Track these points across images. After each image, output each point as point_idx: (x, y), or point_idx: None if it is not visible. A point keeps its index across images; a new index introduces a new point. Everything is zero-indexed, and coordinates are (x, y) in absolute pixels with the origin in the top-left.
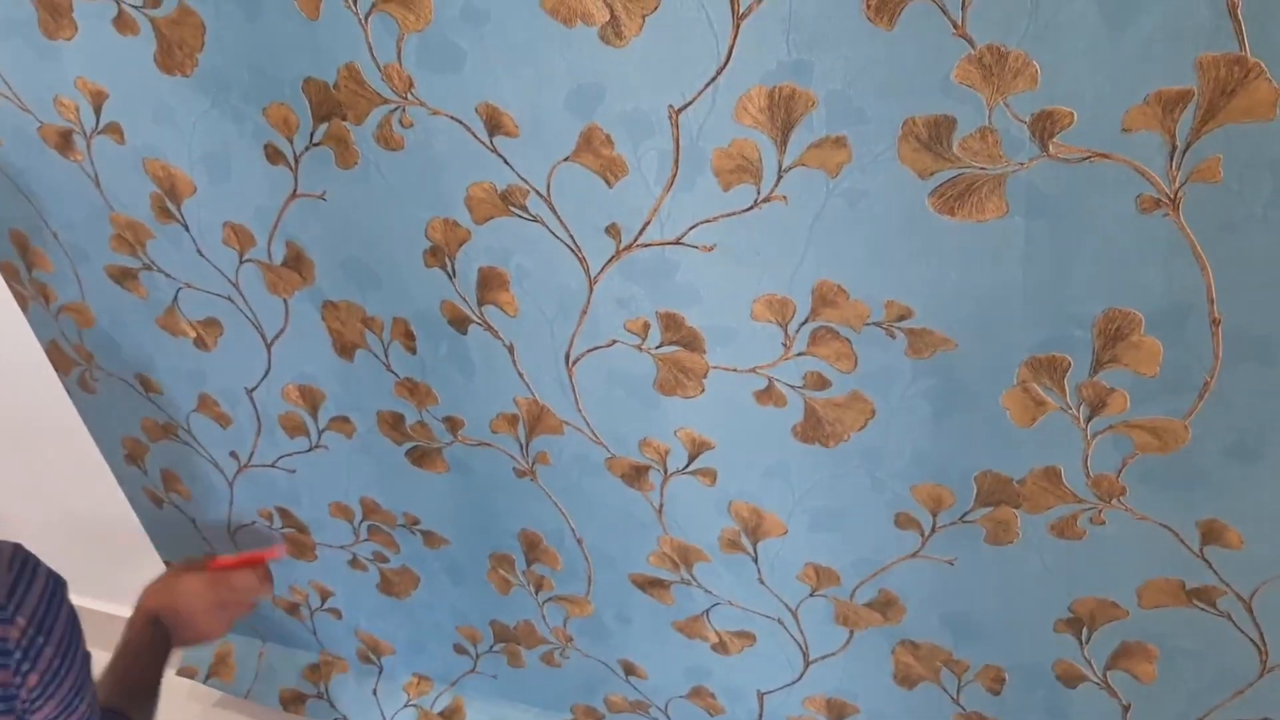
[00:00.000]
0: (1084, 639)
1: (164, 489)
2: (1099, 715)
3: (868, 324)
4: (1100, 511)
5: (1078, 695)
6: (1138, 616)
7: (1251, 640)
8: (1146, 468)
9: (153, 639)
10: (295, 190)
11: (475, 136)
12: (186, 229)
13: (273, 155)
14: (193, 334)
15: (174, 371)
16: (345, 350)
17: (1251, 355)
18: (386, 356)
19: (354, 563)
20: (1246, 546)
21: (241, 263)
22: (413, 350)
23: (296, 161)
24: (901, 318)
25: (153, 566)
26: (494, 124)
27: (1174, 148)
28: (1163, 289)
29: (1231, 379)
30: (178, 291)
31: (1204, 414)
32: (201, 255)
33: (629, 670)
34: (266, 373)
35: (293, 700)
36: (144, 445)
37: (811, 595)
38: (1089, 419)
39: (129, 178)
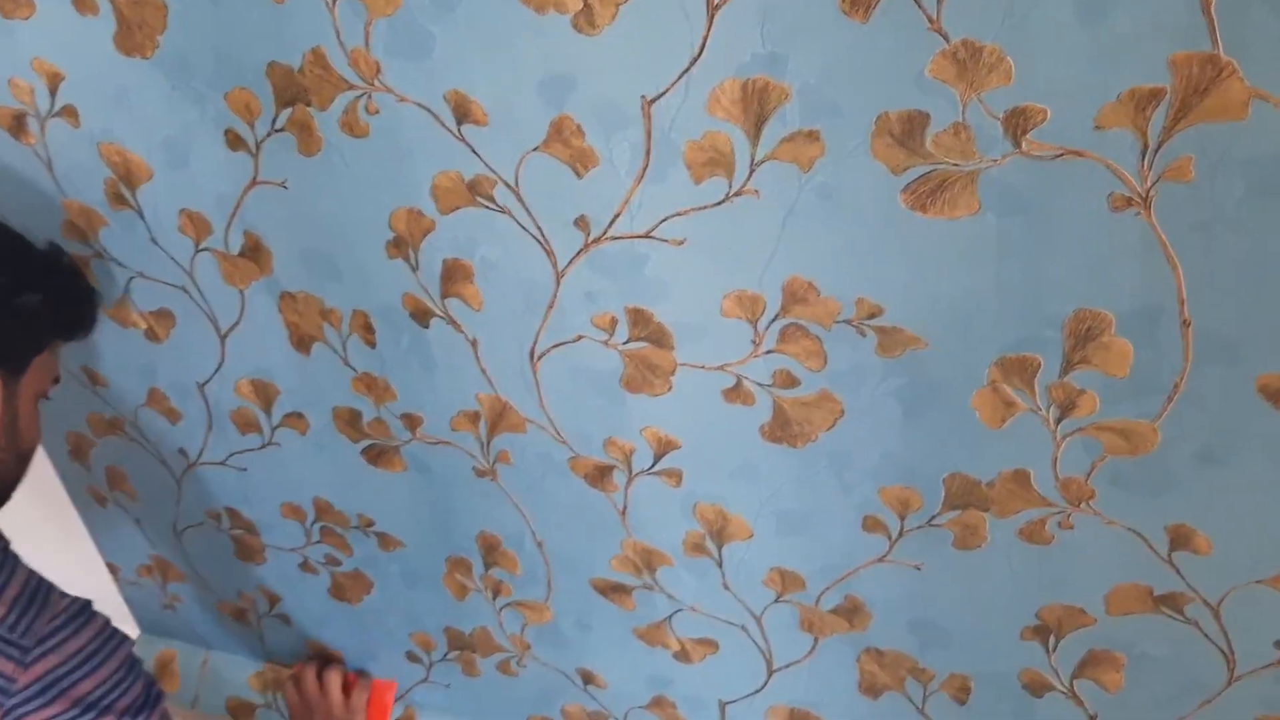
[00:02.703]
0: (1051, 646)
1: (109, 487)
2: None
3: (838, 321)
4: (1069, 515)
5: (1044, 705)
6: (1105, 624)
7: (1219, 648)
8: (1115, 471)
9: None
10: (255, 178)
11: (443, 124)
12: (141, 216)
13: (233, 141)
14: (143, 325)
15: (122, 364)
16: (302, 343)
17: (1221, 357)
18: (345, 350)
19: (304, 566)
20: (1215, 552)
21: (197, 252)
22: (372, 344)
23: (258, 148)
24: (872, 315)
25: (93, 568)
26: (462, 112)
27: (1146, 146)
28: (1134, 289)
29: (1201, 381)
30: (129, 281)
31: (1173, 416)
32: (155, 243)
33: (588, 679)
34: (219, 366)
35: (240, 710)
36: (89, 441)
37: (776, 601)
38: (1059, 420)
39: (83, 162)
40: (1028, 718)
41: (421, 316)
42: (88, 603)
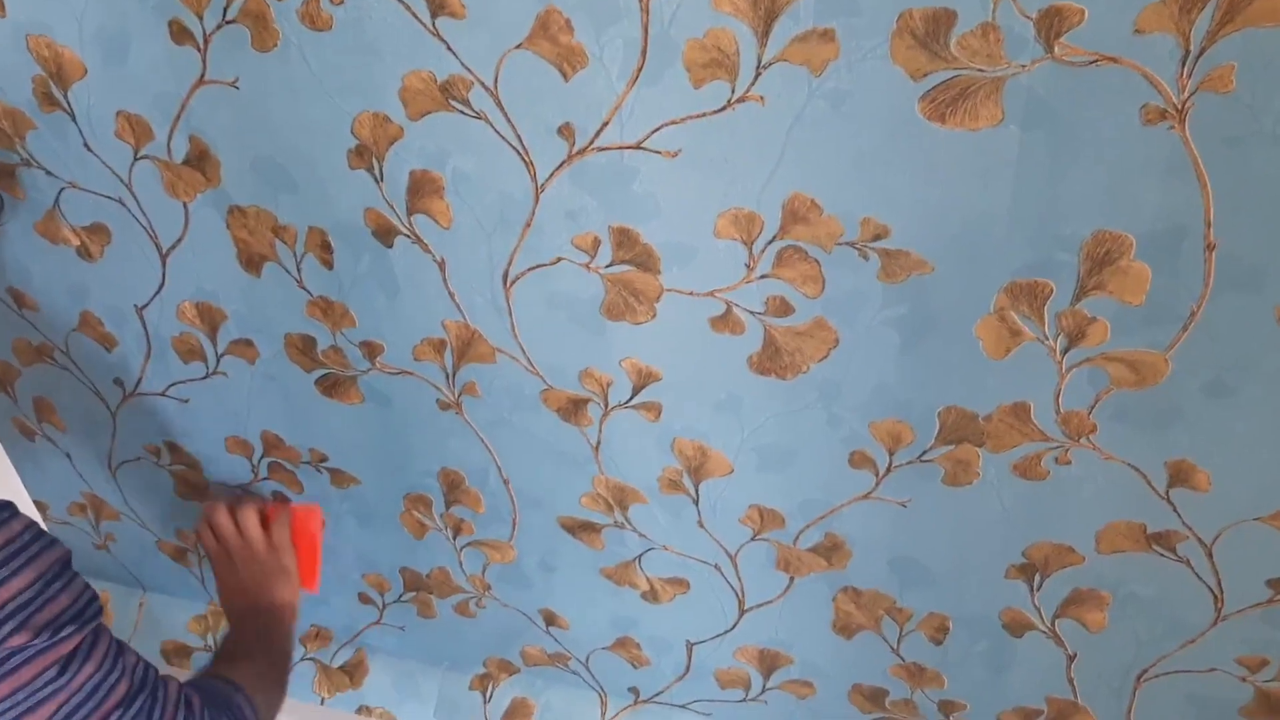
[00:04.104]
0: (1035, 585)
1: (37, 419)
2: (1042, 666)
3: (840, 243)
4: (1067, 451)
5: (1022, 645)
6: (1094, 562)
7: (1208, 587)
8: (1120, 404)
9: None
10: (203, 75)
11: (415, 16)
12: (73, 119)
13: (178, 34)
14: (76, 242)
15: (52, 285)
16: (252, 263)
17: (1242, 284)
18: (299, 271)
19: None
20: (1214, 489)
21: (136, 159)
22: (329, 265)
23: (206, 42)
24: (877, 237)
25: (20, 506)
26: (437, 3)
27: (1187, 52)
28: (1158, 210)
29: (1219, 309)
30: (60, 192)
31: (1186, 346)
32: (89, 150)
33: (550, 620)
34: (160, 288)
35: (177, 653)
36: (15, 369)
37: (753, 539)
38: (1066, 351)
39: (9, 57)
40: (1004, 657)
41: (385, 235)
42: (6, 503)
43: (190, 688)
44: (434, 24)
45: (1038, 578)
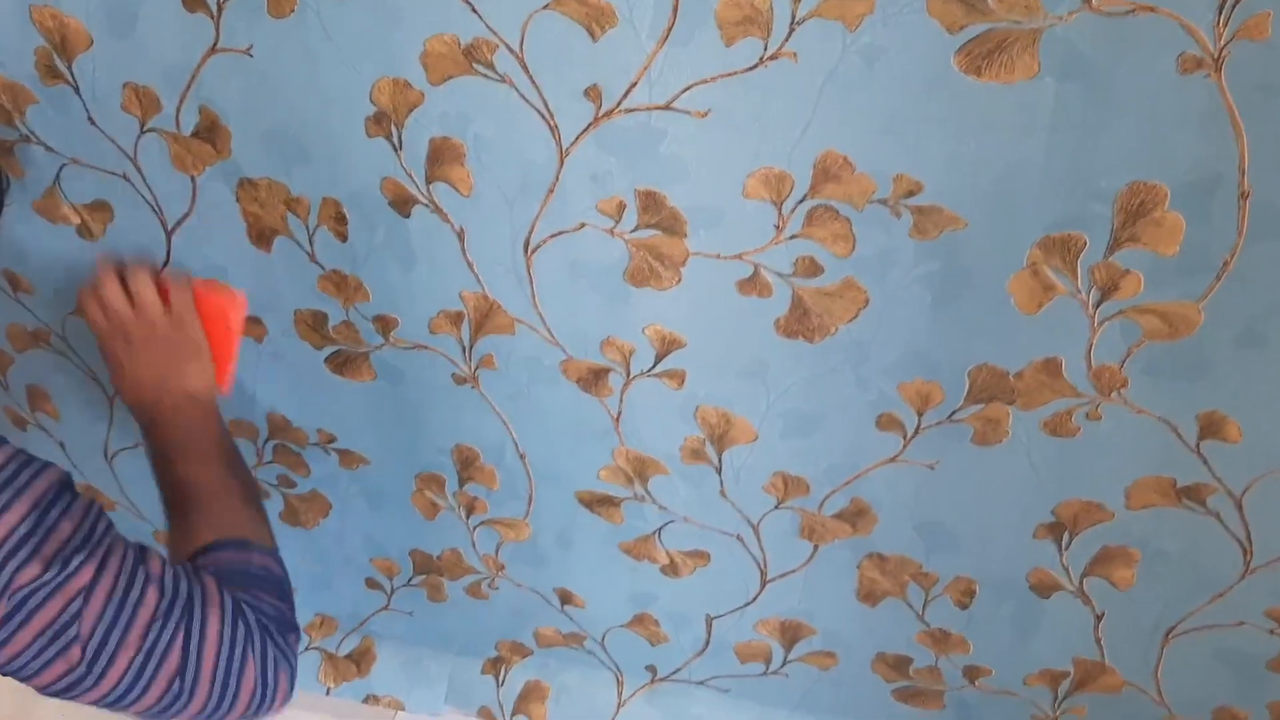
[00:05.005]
0: (1064, 544)
1: (29, 408)
2: (1069, 626)
3: (871, 201)
4: (1098, 406)
5: (1049, 606)
6: (1123, 518)
7: (1238, 540)
8: (1151, 357)
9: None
10: (216, 43)
11: None
12: (77, 92)
13: (190, 0)
14: (76, 220)
15: (50, 267)
16: (262, 238)
17: (1276, 232)
18: (311, 245)
19: None
20: (1245, 440)
21: (142, 132)
22: (343, 237)
23: (219, 8)
24: (910, 194)
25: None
26: None
27: (1224, 0)
28: (1193, 159)
29: (1252, 258)
30: (61, 169)
31: (1219, 297)
32: (93, 124)
33: (565, 599)
34: (164, 266)
35: None
36: (8, 356)
37: (777, 507)
38: (1098, 304)
39: (11, 28)
40: (1031, 619)
41: (402, 205)
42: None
43: (225, 586)
44: None
45: (1066, 536)
